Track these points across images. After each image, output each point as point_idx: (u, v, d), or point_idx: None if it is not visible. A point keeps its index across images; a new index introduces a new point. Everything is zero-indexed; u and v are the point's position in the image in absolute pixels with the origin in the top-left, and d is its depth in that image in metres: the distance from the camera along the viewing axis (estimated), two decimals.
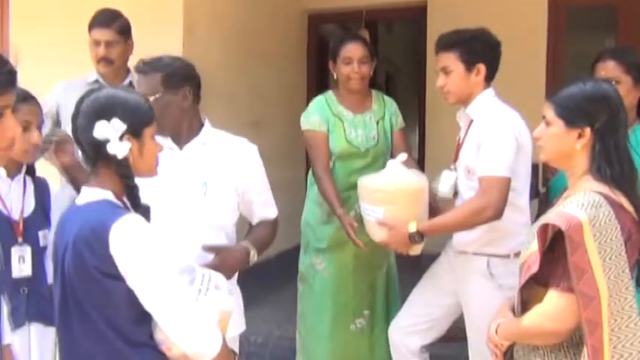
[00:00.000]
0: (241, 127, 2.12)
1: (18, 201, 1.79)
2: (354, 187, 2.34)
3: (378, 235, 2.19)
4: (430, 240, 2.25)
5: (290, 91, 4.74)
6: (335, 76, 2.67)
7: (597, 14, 4.62)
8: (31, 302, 1.77)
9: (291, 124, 4.99)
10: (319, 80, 5.31)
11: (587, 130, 1.45)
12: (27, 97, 1.76)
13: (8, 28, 3.48)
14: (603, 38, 4.63)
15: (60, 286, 1.34)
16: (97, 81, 2.57)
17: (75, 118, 1.37)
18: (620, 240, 1.37)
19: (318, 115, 2.62)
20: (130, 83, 2.64)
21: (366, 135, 2.61)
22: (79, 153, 1.43)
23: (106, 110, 1.32)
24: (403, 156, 2.23)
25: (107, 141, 1.31)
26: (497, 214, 2.00)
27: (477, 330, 2.08)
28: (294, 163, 4.59)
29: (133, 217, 1.31)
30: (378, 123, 2.65)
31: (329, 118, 2.60)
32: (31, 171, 1.87)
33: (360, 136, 2.61)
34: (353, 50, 2.57)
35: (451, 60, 2.16)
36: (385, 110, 2.69)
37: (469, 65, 2.15)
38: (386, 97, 2.76)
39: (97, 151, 1.33)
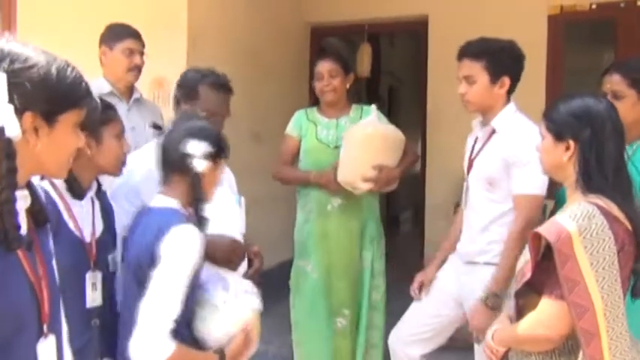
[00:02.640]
0: (242, 139, 2.16)
1: (88, 221, 1.60)
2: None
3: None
4: (433, 247, 2.30)
5: (292, 103, 4.76)
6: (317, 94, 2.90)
7: (596, 28, 4.67)
8: (103, 336, 1.58)
9: None
10: None
11: (572, 143, 1.50)
12: (108, 105, 1.72)
13: (15, 34, 3.53)
14: (602, 52, 4.68)
15: (124, 274, 1.57)
16: (112, 92, 2.60)
17: (171, 132, 1.61)
18: (613, 250, 1.40)
19: (294, 122, 2.91)
20: (139, 98, 2.71)
21: (337, 135, 2.79)
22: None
23: (199, 133, 1.58)
24: (373, 107, 2.72)
25: (193, 157, 1.55)
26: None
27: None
28: None
29: (190, 228, 1.49)
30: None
31: (302, 124, 2.87)
32: (98, 188, 1.71)
33: (331, 135, 2.81)
34: (322, 66, 2.82)
35: (476, 69, 2.12)
36: (362, 115, 2.84)
37: (494, 77, 2.12)
38: (366, 107, 2.92)
39: (178, 164, 1.57)
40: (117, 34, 2.63)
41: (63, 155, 1.13)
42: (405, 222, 7.59)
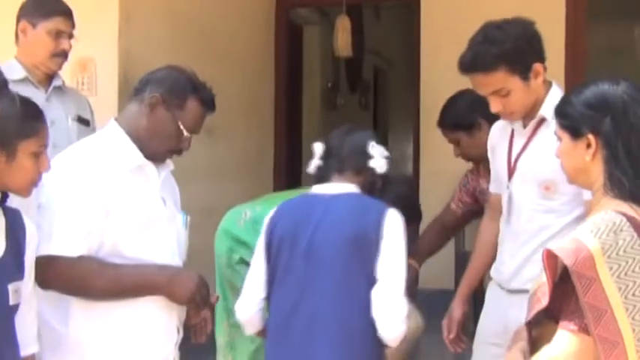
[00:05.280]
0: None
1: None
2: None
3: None
4: (427, 275, 2.31)
5: (253, 90, 4.78)
6: None
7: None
8: None
9: (255, 130, 5.01)
10: (290, 77, 5.37)
11: (592, 138, 1.51)
12: (34, 111, 1.69)
13: None
14: (632, 27, 4.77)
15: (304, 259, 1.95)
16: (26, 79, 2.56)
17: (348, 133, 2.09)
18: None
19: None
20: (61, 86, 2.68)
21: None
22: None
23: (376, 137, 2.11)
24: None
25: (373, 157, 2.04)
26: None
27: None
28: (260, 175, 4.61)
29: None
30: None
31: None
32: (2, 200, 1.66)
33: None
34: None
35: (502, 79, 2.08)
36: None
37: (525, 73, 2.10)
38: None
39: (356, 161, 2.04)
40: (45, 9, 2.59)
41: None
42: None
